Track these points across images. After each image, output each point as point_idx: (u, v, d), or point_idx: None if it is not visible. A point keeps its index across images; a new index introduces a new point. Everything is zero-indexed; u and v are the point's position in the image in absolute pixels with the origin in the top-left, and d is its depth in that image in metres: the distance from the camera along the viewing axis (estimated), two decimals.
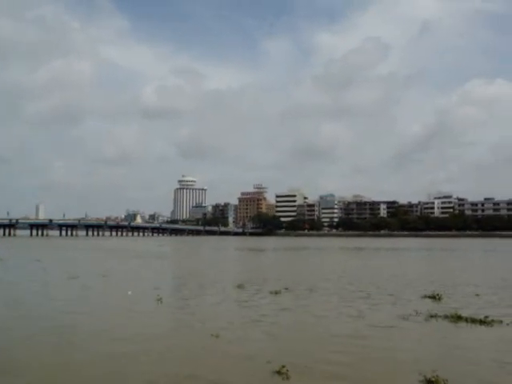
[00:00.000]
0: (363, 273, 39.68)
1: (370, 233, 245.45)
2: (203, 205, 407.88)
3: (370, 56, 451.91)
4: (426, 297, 24.08)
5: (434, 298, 23.67)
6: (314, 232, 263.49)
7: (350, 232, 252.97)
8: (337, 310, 20.96)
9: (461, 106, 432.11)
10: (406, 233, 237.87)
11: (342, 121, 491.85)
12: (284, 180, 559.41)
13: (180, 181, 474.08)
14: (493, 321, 17.84)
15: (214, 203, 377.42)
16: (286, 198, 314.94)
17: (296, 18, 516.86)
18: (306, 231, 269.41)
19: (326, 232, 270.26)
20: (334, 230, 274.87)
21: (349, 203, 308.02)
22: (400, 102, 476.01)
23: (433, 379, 11.10)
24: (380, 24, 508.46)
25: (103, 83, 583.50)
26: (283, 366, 11.89)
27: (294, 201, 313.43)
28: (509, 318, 18.23)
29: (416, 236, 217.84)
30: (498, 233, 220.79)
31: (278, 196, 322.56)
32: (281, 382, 11.36)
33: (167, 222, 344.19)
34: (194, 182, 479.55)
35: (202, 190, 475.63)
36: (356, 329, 17.03)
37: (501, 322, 17.80)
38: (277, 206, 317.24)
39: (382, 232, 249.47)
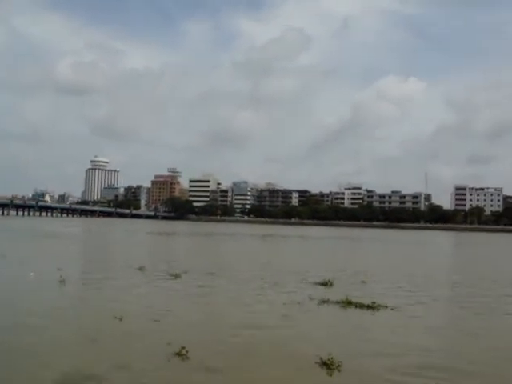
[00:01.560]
0: (267, 259, 40.98)
1: (282, 220, 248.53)
2: (115, 186, 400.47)
3: (290, 46, 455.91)
4: (318, 283, 25.11)
5: (326, 284, 24.82)
6: (226, 218, 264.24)
7: (262, 219, 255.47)
8: (235, 294, 21.73)
9: (375, 102, 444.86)
10: (316, 222, 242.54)
11: (259, 108, 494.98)
12: (198, 165, 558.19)
13: (92, 161, 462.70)
14: (379, 306, 19.10)
15: (126, 185, 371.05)
16: (200, 183, 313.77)
17: (217, 2, 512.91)
18: (218, 217, 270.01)
19: (238, 218, 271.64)
20: (246, 217, 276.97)
21: (262, 190, 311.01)
22: (317, 93, 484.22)
23: (328, 361, 11.74)
24: (302, 16, 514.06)
25: (12, 54, 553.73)
26: (183, 348, 12.21)
27: (208, 186, 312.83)
28: (392, 303, 19.59)
29: (326, 225, 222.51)
30: (402, 224, 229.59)
31: (191, 181, 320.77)
32: (180, 362, 11.73)
33: (78, 203, 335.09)
34: (107, 162, 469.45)
35: (115, 171, 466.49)
36: (252, 313, 17.81)
37: (386, 306, 19.11)
38: (190, 191, 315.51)
39: (293, 220, 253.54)
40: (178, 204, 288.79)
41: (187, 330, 14.94)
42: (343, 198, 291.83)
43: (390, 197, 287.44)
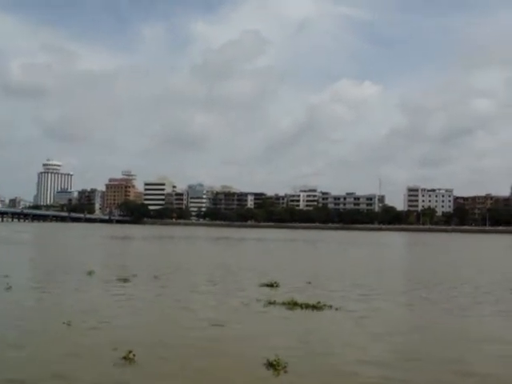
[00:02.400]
0: (218, 261, 41.36)
1: (237, 223, 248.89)
2: (69, 190, 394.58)
3: (247, 49, 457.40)
4: (264, 285, 25.47)
5: (272, 285, 25.18)
6: (182, 221, 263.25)
7: (218, 222, 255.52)
8: (183, 297, 21.88)
9: (330, 105, 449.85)
10: (271, 224, 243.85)
11: (215, 111, 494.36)
12: (154, 168, 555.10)
13: (45, 164, 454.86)
14: (324, 306, 19.48)
15: (80, 189, 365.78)
16: (155, 186, 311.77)
17: (172, 4, 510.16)
18: (173, 220, 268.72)
19: (193, 221, 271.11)
20: (202, 220, 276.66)
21: (217, 193, 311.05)
22: (274, 96, 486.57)
23: (274, 363, 11.86)
24: (259, 18, 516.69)
25: None
26: (130, 352, 12.19)
27: (163, 189, 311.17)
28: (337, 304, 19.94)
29: (281, 227, 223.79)
30: (357, 226, 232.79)
31: (146, 184, 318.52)
32: (128, 365, 11.74)
33: (30, 208, 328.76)
34: (60, 166, 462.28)
35: (68, 174, 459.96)
36: (199, 315, 17.97)
37: (331, 307, 19.50)
38: (145, 194, 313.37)
39: (249, 223, 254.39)
40: (132, 208, 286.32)
41: (134, 334, 14.92)
42: (299, 200, 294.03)
43: (344, 198, 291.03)
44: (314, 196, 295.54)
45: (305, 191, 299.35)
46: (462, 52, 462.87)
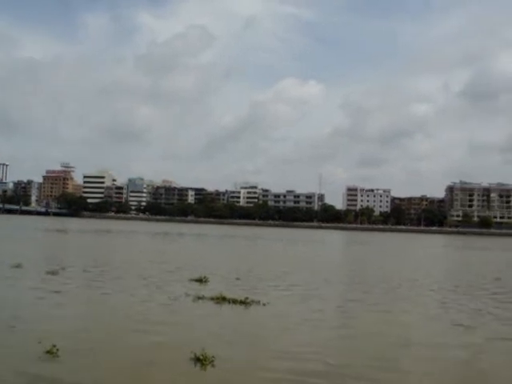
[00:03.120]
0: (152, 256, 41.57)
1: (177, 218, 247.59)
2: (4, 181, 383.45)
3: (193, 43, 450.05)
4: (193, 280, 25.66)
5: (201, 281, 25.43)
6: (121, 215, 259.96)
7: (158, 217, 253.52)
8: (110, 290, 21.98)
9: (274, 103, 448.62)
10: (212, 220, 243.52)
11: (158, 105, 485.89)
12: (94, 160, 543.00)
13: None
14: (252, 301, 19.82)
15: (16, 180, 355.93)
16: (94, 179, 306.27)
17: None
18: (112, 214, 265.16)
19: (133, 216, 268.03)
20: (142, 214, 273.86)
21: (158, 188, 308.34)
22: (218, 92, 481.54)
23: (202, 357, 12.03)
24: (205, 13, 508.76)
25: None
26: (54, 346, 12.15)
27: (103, 182, 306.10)
28: (265, 299, 20.37)
29: (221, 223, 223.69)
30: (296, 223, 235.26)
31: (85, 176, 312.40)
32: (51, 359, 11.71)
33: None
34: None
35: (3, 165, 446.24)
36: (126, 310, 17.95)
37: (258, 302, 19.87)
38: (84, 187, 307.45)
39: (189, 218, 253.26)
40: (71, 200, 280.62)
41: (60, 328, 14.82)
42: (239, 197, 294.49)
43: (284, 196, 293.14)
44: (255, 193, 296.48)
45: (245, 188, 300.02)
46: (403, 56, 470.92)
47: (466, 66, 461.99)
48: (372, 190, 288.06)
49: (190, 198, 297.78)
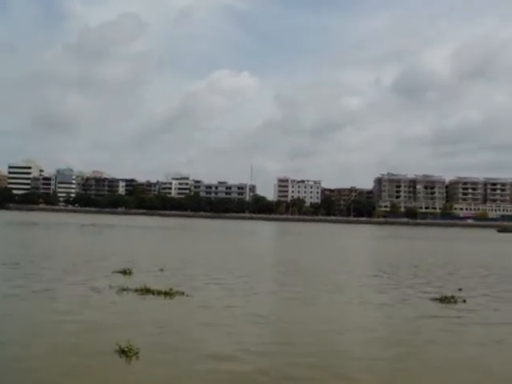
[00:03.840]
0: (77, 248, 41.39)
1: (108, 210, 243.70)
2: None
3: (125, 31, 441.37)
4: (117, 272, 25.53)
5: (125, 272, 25.35)
6: (49, 207, 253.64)
7: (87, 208, 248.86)
8: (31, 283, 21.63)
9: (207, 94, 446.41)
10: (142, 211, 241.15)
11: (89, 94, 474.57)
12: (20, 150, 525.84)
13: None
14: (176, 292, 20.01)
15: None
16: (21, 170, 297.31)
17: None
18: (40, 206, 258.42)
19: (61, 207, 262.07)
20: (71, 206, 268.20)
21: (87, 179, 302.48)
22: (150, 82, 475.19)
23: (126, 349, 12.03)
24: (139, 1, 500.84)
25: None
26: None
27: (29, 173, 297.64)
28: (190, 291, 20.54)
29: (152, 215, 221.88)
30: (228, 214, 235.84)
31: (10, 167, 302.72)
32: None
33: None
34: None
35: None
36: (49, 304, 17.82)
37: (182, 293, 20.03)
38: (9, 178, 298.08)
39: (120, 210, 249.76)
40: None
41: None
42: (170, 188, 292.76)
43: (216, 187, 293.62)
44: (187, 184, 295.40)
45: (177, 179, 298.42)
46: (335, 50, 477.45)
47: (394, 62, 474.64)
48: (303, 182, 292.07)
49: (121, 190, 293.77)
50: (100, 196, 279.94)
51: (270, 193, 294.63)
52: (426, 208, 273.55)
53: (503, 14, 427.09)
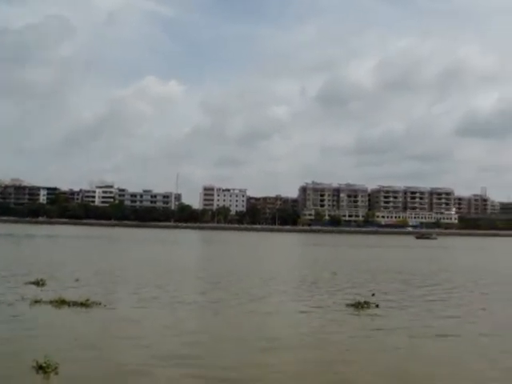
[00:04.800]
0: None
1: (27, 219, 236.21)
2: None
3: (51, 34, 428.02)
4: (30, 283, 24.99)
5: (38, 283, 24.83)
6: None
7: (5, 218, 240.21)
8: None
9: (134, 101, 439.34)
10: (65, 220, 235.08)
11: (9, 98, 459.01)
12: None
13: None
14: (93, 303, 19.72)
15: None
16: None
17: None
18: None
19: None
20: None
21: (6, 187, 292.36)
22: (76, 87, 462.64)
23: (44, 365, 11.68)
24: (66, 4, 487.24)
25: None
26: None
27: None
28: (107, 301, 20.37)
29: (75, 224, 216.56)
30: (153, 223, 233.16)
31: None
32: None
33: None
34: None
35: None
36: None
37: (99, 304, 19.80)
38: None
39: (41, 219, 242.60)
40: None
41: None
42: (94, 197, 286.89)
43: (141, 196, 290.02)
44: (111, 192, 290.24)
45: (101, 187, 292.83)
46: (262, 59, 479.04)
47: (321, 72, 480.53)
48: (228, 190, 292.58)
49: (42, 198, 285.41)
50: (20, 205, 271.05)
51: (196, 201, 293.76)
52: (350, 216, 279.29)
53: (425, 28, 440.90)
